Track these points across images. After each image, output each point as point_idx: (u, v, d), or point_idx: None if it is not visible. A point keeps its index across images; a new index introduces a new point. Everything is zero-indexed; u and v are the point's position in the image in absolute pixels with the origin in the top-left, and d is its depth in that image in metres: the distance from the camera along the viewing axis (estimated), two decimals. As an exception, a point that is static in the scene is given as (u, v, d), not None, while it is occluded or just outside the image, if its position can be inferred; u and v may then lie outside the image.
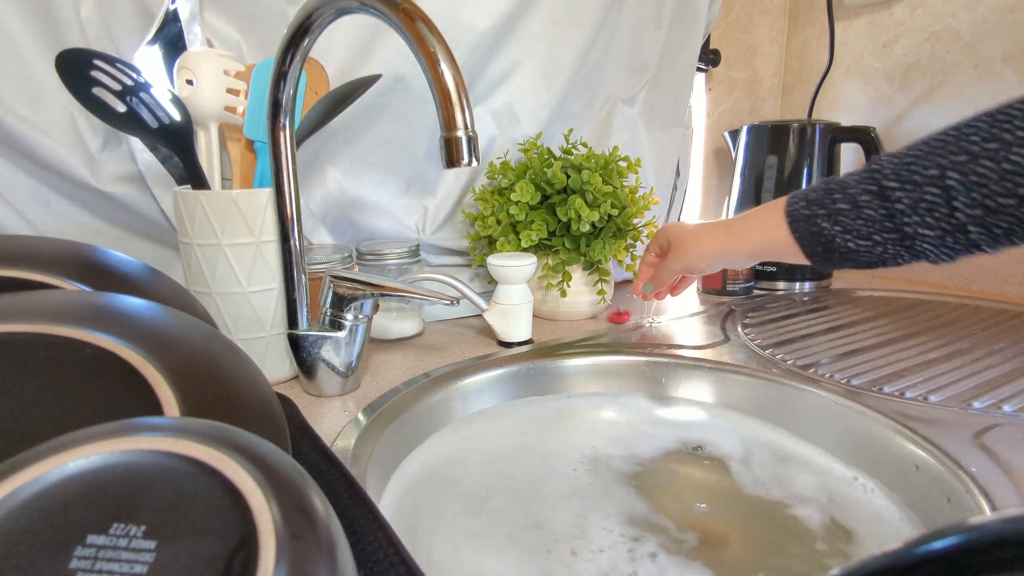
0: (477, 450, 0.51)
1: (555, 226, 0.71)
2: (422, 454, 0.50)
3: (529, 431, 0.54)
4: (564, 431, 0.54)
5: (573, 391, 0.61)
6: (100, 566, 0.18)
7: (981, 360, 0.59)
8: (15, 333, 0.29)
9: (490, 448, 0.51)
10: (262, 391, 0.35)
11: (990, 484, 0.39)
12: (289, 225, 0.51)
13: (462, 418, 0.55)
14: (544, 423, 0.56)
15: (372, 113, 0.67)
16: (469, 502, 0.44)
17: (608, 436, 0.53)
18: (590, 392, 0.60)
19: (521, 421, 0.56)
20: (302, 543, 0.20)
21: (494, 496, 0.45)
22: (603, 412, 0.58)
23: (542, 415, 0.57)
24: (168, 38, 0.58)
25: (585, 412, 0.58)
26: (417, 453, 0.50)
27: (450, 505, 0.43)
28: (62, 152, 0.55)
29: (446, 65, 0.37)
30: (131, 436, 0.22)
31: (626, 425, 0.55)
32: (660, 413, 0.57)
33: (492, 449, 0.51)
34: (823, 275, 0.92)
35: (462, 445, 0.52)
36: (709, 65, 0.98)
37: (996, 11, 0.83)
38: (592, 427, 0.55)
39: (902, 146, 0.44)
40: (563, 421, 0.56)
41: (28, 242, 0.41)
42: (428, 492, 0.45)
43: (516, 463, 0.49)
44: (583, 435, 0.53)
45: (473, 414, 0.56)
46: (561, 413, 0.57)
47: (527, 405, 0.58)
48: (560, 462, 0.49)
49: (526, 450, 0.51)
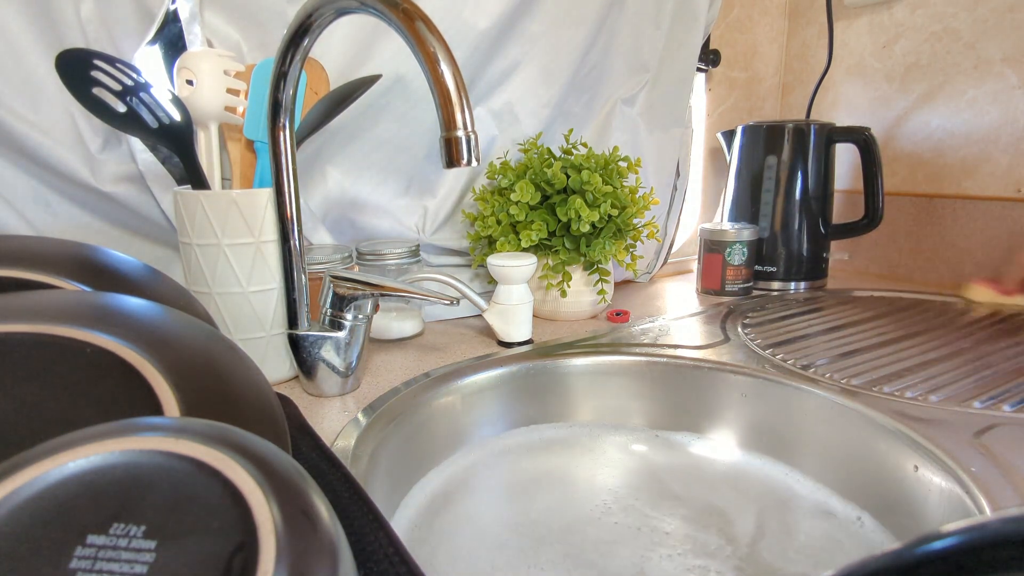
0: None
1: (555, 226, 0.71)
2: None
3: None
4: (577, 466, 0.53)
5: (574, 391, 0.61)
6: (100, 566, 0.18)
7: (981, 360, 0.59)
8: (15, 333, 0.29)
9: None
10: (262, 391, 0.35)
11: (990, 484, 0.38)
12: (289, 225, 0.51)
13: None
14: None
15: (372, 113, 0.67)
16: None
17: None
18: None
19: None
20: (302, 543, 0.20)
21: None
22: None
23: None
24: (168, 38, 0.57)
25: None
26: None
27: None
28: (62, 152, 0.55)
29: (446, 65, 0.37)
30: (131, 436, 0.22)
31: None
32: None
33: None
34: (819, 275, 0.92)
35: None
36: (709, 65, 0.98)
37: (996, 11, 0.83)
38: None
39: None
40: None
41: (28, 242, 0.41)
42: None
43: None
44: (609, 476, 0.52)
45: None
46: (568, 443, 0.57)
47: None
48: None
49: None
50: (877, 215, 0.87)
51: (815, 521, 0.46)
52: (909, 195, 0.95)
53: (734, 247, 0.84)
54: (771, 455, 0.55)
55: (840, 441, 0.50)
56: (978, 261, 0.88)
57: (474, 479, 0.52)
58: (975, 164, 0.88)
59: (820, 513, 0.47)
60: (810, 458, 0.52)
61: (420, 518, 0.46)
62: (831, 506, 0.48)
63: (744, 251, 0.85)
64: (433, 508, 0.48)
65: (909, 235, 0.96)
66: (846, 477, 0.49)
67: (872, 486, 0.47)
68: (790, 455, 0.54)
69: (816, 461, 0.52)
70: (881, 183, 0.86)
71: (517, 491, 0.50)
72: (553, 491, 0.50)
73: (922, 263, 0.95)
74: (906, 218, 0.96)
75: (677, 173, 0.92)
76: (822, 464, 0.51)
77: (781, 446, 0.54)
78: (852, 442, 0.49)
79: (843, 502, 0.48)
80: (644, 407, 0.61)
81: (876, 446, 0.47)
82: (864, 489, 0.48)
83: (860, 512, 0.47)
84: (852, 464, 0.49)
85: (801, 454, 0.53)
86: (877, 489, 0.47)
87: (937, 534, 0.15)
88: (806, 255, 0.90)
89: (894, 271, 0.98)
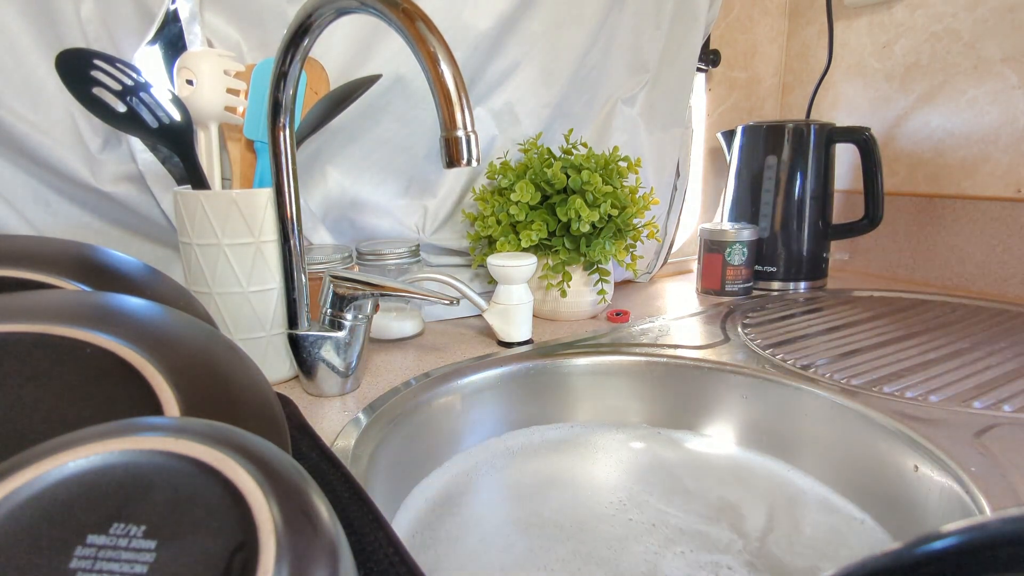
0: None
1: (555, 226, 0.71)
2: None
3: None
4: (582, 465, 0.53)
5: (574, 391, 0.61)
6: (100, 566, 0.18)
7: (981, 360, 0.59)
8: (15, 333, 0.29)
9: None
10: (262, 391, 0.35)
11: (990, 484, 0.39)
12: (289, 225, 0.51)
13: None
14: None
15: (372, 113, 0.67)
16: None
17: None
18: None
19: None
20: (302, 543, 0.20)
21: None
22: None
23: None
24: (168, 38, 0.57)
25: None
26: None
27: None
28: (62, 152, 0.55)
29: (446, 65, 0.37)
30: (131, 436, 0.22)
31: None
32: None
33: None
34: (819, 275, 0.92)
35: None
36: (709, 65, 0.98)
37: (996, 11, 0.83)
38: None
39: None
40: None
41: (28, 242, 0.41)
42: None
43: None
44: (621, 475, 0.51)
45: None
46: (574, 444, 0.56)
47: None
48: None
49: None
50: (877, 215, 0.87)
51: (819, 516, 0.46)
52: (909, 195, 0.95)
53: (734, 247, 0.84)
54: (771, 454, 0.55)
55: (840, 441, 0.50)
56: (978, 261, 0.88)
57: (476, 482, 0.52)
58: (975, 164, 0.88)
59: (824, 509, 0.47)
60: (810, 458, 0.52)
61: (422, 522, 0.46)
62: (833, 502, 0.48)
63: (744, 251, 0.85)
64: (436, 513, 0.47)
65: (909, 235, 0.96)
66: (847, 477, 0.49)
67: (872, 486, 0.47)
68: (791, 455, 0.54)
69: (816, 461, 0.52)
70: (881, 183, 0.86)
71: (522, 491, 0.50)
72: (556, 491, 0.50)
73: (922, 263, 0.95)
74: (906, 218, 0.96)
75: (677, 173, 0.92)
76: (822, 463, 0.51)
77: (781, 446, 0.54)
78: (852, 442, 0.49)
79: (844, 500, 0.48)
80: (644, 407, 0.61)
81: (876, 446, 0.47)
82: (864, 488, 0.48)
83: (861, 513, 0.47)
84: (852, 464, 0.49)
85: (801, 454, 0.53)
86: (877, 489, 0.47)
87: (937, 534, 0.15)
88: (806, 255, 0.90)
89: (894, 271, 0.98)
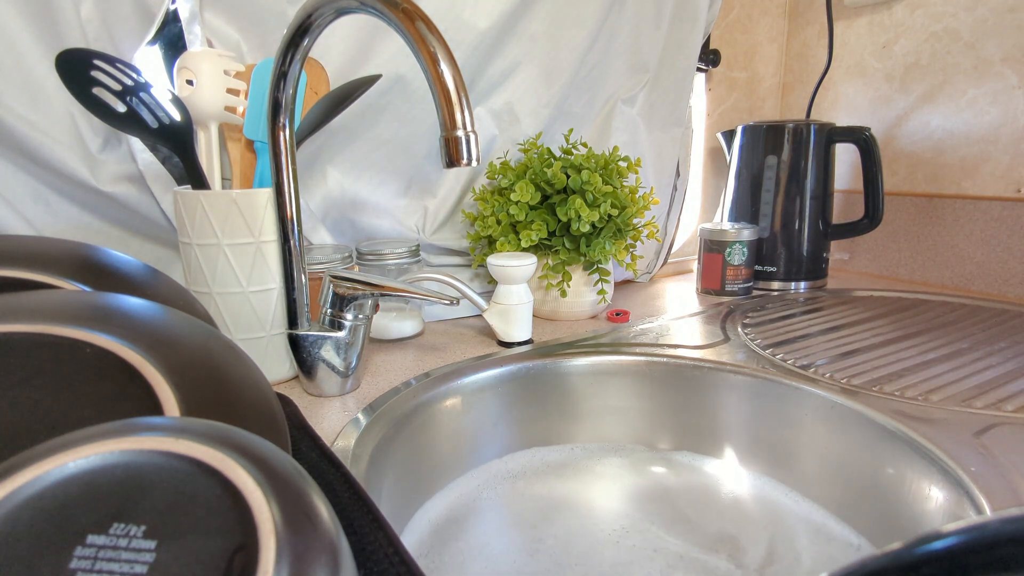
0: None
1: (555, 226, 0.71)
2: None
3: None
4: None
5: (574, 391, 0.61)
6: (100, 566, 0.18)
7: (981, 360, 0.59)
8: (15, 333, 0.29)
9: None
10: (262, 391, 0.35)
11: (990, 484, 0.38)
12: (289, 225, 0.51)
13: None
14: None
15: (372, 113, 0.67)
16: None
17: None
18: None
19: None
20: (302, 543, 0.20)
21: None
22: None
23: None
24: (168, 38, 0.57)
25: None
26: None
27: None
28: (62, 152, 0.55)
29: (446, 65, 0.37)
30: (131, 436, 0.22)
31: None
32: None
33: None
34: (819, 275, 0.92)
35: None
36: (709, 65, 0.98)
37: (996, 11, 0.83)
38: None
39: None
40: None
41: (28, 242, 0.41)
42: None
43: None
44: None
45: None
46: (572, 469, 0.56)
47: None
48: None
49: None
50: (877, 215, 0.87)
51: (819, 546, 0.46)
52: (909, 195, 0.95)
53: (734, 247, 0.84)
54: (771, 454, 0.55)
55: (840, 441, 0.50)
56: (978, 261, 0.88)
57: (479, 505, 0.51)
58: (975, 164, 0.88)
59: (823, 538, 0.47)
60: (809, 475, 0.52)
61: (426, 545, 0.46)
62: (830, 529, 0.48)
63: (744, 251, 0.85)
64: (439, 537, 0.47)
65: (909, 235, 0.96)
66: (846, 499, 0.49)
67: (871, 486, 0.47)
68: (789, 471, 0.54)
69: (814, 479, 0.52)
70: (881, 183, 0.86)
71: (525, 517, 0.50)
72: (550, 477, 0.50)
73: (922, 263, 0.95)
74: (906, 218, 0.96)
75: (677, 173, 0.92)
76: (820, 482, 0.51)
77: (779, 460, 0.54)
78: (852, 442, 0.49)
79: (842, 525, 0.48)
80: (644, 407, 0.61)
81: (876, 446, 0.47)
82: (864, 489, 0.48)
83: (858, 538, 0.47)
84: (852, 464, 0.49)
85: (800, 470, 0.53)
86: (876, 489, 0.47)
87: (937, 534, 0.15)
88: (806, 255, 0.90)
89: (894, 271, 0.98)
